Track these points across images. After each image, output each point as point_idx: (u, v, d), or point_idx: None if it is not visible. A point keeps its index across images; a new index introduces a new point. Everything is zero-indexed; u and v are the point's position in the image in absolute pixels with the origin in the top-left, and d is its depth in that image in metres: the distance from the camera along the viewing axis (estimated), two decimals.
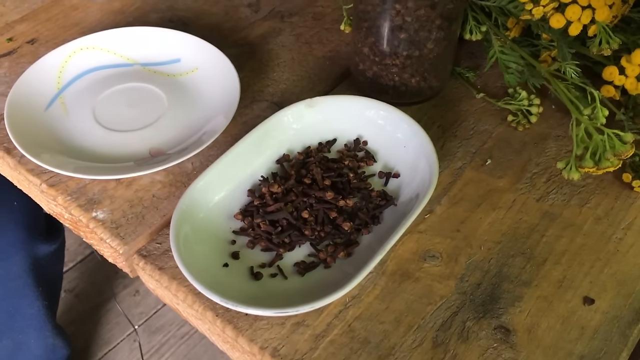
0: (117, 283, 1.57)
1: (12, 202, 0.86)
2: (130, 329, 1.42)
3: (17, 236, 0.86)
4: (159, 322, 1.44)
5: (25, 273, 0.90)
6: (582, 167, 0.42)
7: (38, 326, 0.97)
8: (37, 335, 0.98)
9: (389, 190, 0.47)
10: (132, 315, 1.45)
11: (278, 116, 0.49)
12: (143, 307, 1.48)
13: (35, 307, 0.95)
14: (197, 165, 0.50)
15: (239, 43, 0.61)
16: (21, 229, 0.87)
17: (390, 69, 0.52)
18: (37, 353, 1.00)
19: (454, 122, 0.54)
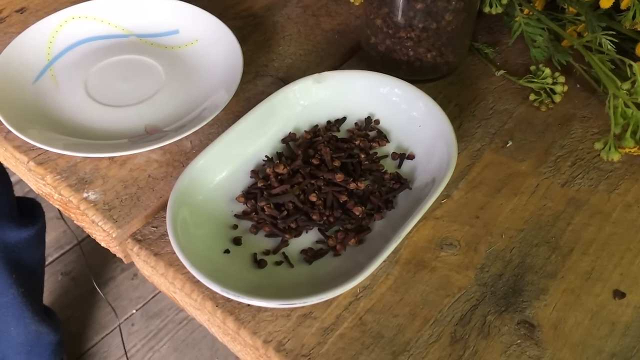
0: (115, 267, 1.55)
1: None
2: (128, 312, 1.40)
3: None
4: (157, 306, 1.42)
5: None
6: (623, 147, 0.38)
7: (16, 314, 0.94)
8: (16, 323, 0.95)
9: (402, 172, 0.44)
10: (129, 299, 1.43)
11: (284, 92, 0.46)
12: (141, 291, 1.46)
13: (10, 295, 0.91)
14: (196, 143, 0.47)
15: (242, 14, 0.57)
16: None
17: (405, 42, 0.48)
18: (19, 340, 0.97)
19: (471, 100, 0.50)
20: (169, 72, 0.50)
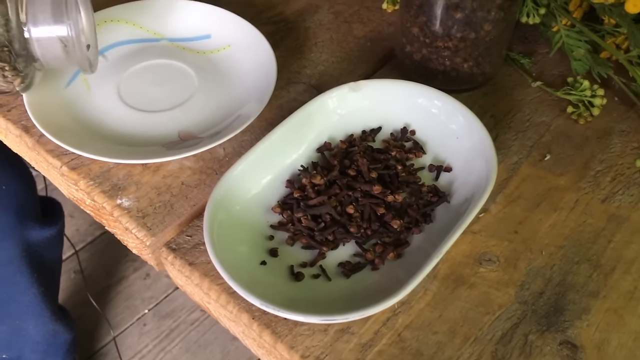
0: (127, 266, 1.55)
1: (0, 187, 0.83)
2: (140, 312, 1.40)
3: (6, 222, 0.83)
4: (169, 307, 1.42)
5: (16, 259, 0.87)
6: None
7: (36, 312, 0.94)
8: (35, 321, 0.95)
9: (440, 185, 0.43)
10: (142, 299, 1.43)
11: (319, 100, 0.45)
12: (153, 291, 1.46)
13: (31, 294, 0.92)
14: (229, 151, 0.46)
15: (273, 20, 0.56)
16: (10, 214, 0.83)
17: (442, 52, 0.48)
18: (36, 339, 0.98)
19: (507, 112, 0.50)
20: (201, 78, 0.50)
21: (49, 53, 0.41)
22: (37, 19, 0.40)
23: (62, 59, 0.42)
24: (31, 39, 0.40)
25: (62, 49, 0.41)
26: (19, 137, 0.47)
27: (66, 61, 0.42)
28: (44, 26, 0.40)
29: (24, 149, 0.47)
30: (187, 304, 1.40)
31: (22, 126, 0.47)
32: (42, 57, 0.41)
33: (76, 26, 0.40)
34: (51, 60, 0.42)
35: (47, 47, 0.41)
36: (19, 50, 0.39)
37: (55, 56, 0.41)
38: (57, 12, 0.40)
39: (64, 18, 0.40)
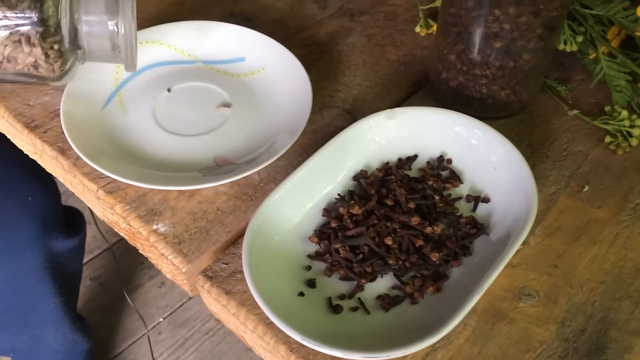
0: (143, 274, 1.55)
1: (26, 197, 0.84)
2: (155, 321, 1.40)
3: (30, 233, 0.84)
4: (184, 316, 1.42)
5: (40, 270, 0.88)
6: None
7: (56, 322, 0.95)
8: (55, 331, 0.96)
9: (478, 216, 0.43)
10: (157, 307, 1.43)
11: (356, 127, 0.45)
12: (168, 299, 1.46)
13: (52, 304, 0.92)
14: (264, 176, 0.46)
15: (305, 42, 0.56)
16: (35, 225, 0.84)
17: (479, 79, 0.47)
18: (55, 348, 0.98)
19: (544, 140, 0.49)
20: (236, 101, 0.50)
21: (95, 43, 0.40)
22: (90, 5, 0.39)
23: (106, 50, 0.41)
24: (81, 26, 0.40)
25: (109, 40, 0.41)
26: (55, 159, 0.47)
27: (110, 53, 0.42)
28: (97, 15, 0.40)
29: (59, 171, 0.47)
30: (202, 314, 1.40)
31: (59, 148, 0.47)
32: (88, 45, 0.41)
33: (128, 20, 0.40)
34: (95, 50, 0.41)
35: (95, 37, 0.40)
36: (67, 35, 0.39)
37: (101, 47, 0.41)
38: (110, 3, 0.40)
39: (117, 10, 0.40)
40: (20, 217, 0.83)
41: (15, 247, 0.84)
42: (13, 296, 0.90)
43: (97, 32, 0.40)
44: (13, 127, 0.49)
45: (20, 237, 0.83)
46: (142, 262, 1.57)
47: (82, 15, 0.39)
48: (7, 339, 0.97)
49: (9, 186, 0.84)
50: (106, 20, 0.40)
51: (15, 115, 0.49)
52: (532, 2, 0.42)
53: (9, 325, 0.95)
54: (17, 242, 0.83)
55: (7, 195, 0.83)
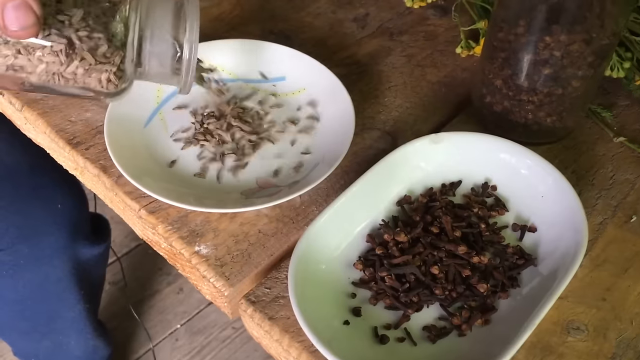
0: (162, 279, 1.55)
1: (55, 205, 0.84)
2: (173, 327, 1.40)
3: (58, 241, 0.84)
4: (201, 323, 1.42)
5: (66, 277, 0.88)
6: None
7: (79, 328, 0.96)
8: (77, 337, 0.97)
9: (524, 246, 0.42)
10: (174, 313, 1.43)
11: (400, 152, 0.44)
12: (186, 306, 1.46)
13: (76, 311, 0.93)
14: (305, 199, 0.46)
15: (345, 62, 0.56)
16: (63, 233, 0.84)
17: (525, 105, 0.47)
18: (77, 354, 0.99)
19: (589, 168, 0.48)
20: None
21: (156, 63, 0.40)
22: (157, 23, 0.39)
23: (166, 71, 0.40)
24: (146, 44, 0.39)
25: (171, 62, 0.40)
26: (96, 177, 0.47)
27: (169, 75, 0.41)
28: (163, 34, 0.39)
29: (100, 188, 0.47)
30: (219, 321, 1.40)
31: (101, 165, 0.47)
32: (148, 64, 0.40)
33: (193, 43, 0.40)
34: (154, 69, 0.40)
35: (157, 56, 0.40)
36: (131, 52, 0.39)
37: (161, 67, 0.40)
38: (176, 25, 0.39)
39: (184, 30, 0.39)
40: (49, 225, 0.83)
41: (43, 254, 0.84)
42: (39, 302, 0.91)
43: (160, 52, 0.39)
44: (55, 143, 0.49)
45: (48, 245, 0.84)
46: (161, 268, 1.57)
47: (149, 33, 0.39)
48: (30, 344, 0.98)
49: (39, 194, 0.84)
50: (171, 40, 0.39)
51: (57, 131, 0.49)
52: (585, 30, 0.42)
53: (32, 331, 0.95)
54: (45, 249, 0.84)
55: (36, 203, 0.84)
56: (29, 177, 0.83)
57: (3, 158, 0.83)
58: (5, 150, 0.84)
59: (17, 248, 0.82)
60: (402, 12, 0.61)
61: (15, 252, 0.82)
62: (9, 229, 0.81)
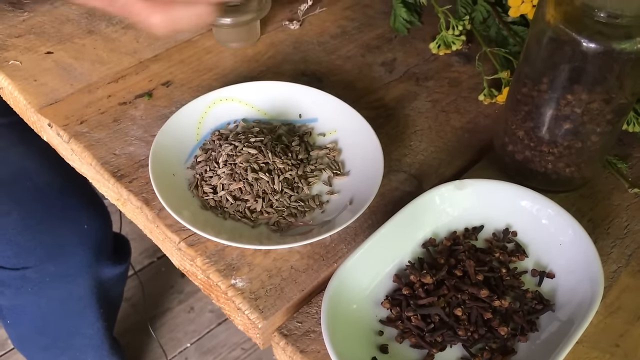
0: (173, 298, 1.57)
1: (82, 225, 0.87)
2: (183, 346, 1.42)
3: (83, 260, 0.87)
4: (211, 342, 1.44)
5: (87, 295, 0.91)
6: None
7: (96, 345, 0.98)
8: (94, 354, 0.99)
9: (543, 291, 0.44)
10: (185, 332, 1.45)
11: (427, 197, 0.47)
12: (196, 325, 1.48)
13: (95, 328, 0.96)
14: (334, 237, 0.48)
15: (373, 105, 0.59)
16: (88, 252, 0.87)
17: (545, 156, 0.49)
18: None
19: (605, 217, 0.51)
20: None
21: None
22: None
23: None
24: None
25: None
26: (139, 209, 0.50)
27: None
28: None
29: (142, 220, 0.50)
30: (229, 341, 1.42)
31: (143, 198, 0.50)
32: None
33: None
34: None
35: None
36: None
37: None
38: None
39: None
40: (76, 245, 0.86)
41: (68, 273, 0.87)
42: (60, 319, 0.93)
43: None
44: (100, 175, 0.52)
45: (74, 263, 0.87)
46: (172, 285, 1.59)
47: None
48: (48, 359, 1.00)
49: (67, 214, 0.87)
50: None
51: (103, 163, 0.52)
52: (605, 91, 0.44)
53: (52, 347, 0.98)
54: (70, 268, 0.87)
55: (64, 223, 0.87)
56: (58, 198, 0.86)
57: (34, 178, 0.86)
58: (35, 171, 0.87)
59: (44, 266, 0.84)
60: (427, 58, 0.64)
61: (42, 270, 0.84)
62: (37, 248, 0.84)
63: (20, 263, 0.84)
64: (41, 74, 0.59)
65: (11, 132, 0.89)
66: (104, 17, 0.66)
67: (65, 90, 0.58)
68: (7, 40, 0.62)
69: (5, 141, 0.88)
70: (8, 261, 0.85)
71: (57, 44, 0.62)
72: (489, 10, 0.62)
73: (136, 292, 1.51)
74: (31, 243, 0.84)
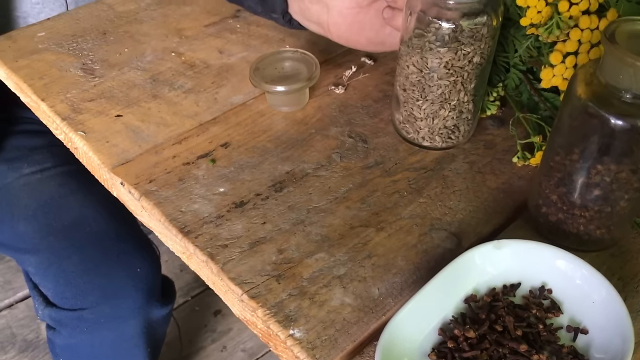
0: (206, 336, 1.62)
1: (135, 269, 0.93)
2: None
3: (136, 302, 0.93)
4: None
5: (137, 335, 0.96)
6: None
7: None
8: None
9: (577, 346, 0.48)
10: None
11: (467, 255, 0.51)
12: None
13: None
14: (382, 291, 0.53)
15: (415, 166, 0.64)
16: (141, 294, 0.93)
17: (577, 219, 0.53)
18: None
19: (634, 275, 0.54)
20: None
21: None
22: None
23: None
24: None
25: None
26: (204, 263, 0.55)
27: None
28: None
29: (207, 272, 0.55)
30: None
31: (208, 253, 0.55)
32: None
33: None
34: None
35: None
36: None
37: None
38: None
39: None
40: (129, 287, 0.92)
41: (121, 314, 0.92)
42: (111, 358, 0.98)
43: None
44: (168, 231, 0.57)
45: (127, 305, 0.92)
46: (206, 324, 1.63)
47: None
48: None
49: (121, 258, 0.93)
50: None
51: (171, 220, 0.57)
52: (632, 162, 0.49)
53: None
54: (124, 310, 0.92)
55: (119, 267, 0.93)
56: (114, 243, 0.93)
57: (92, 224, 0.93)
58: (93, 218, 0.93)
59: (100, 308, 0.90)
60: None
61: (97, 312, 0.90)
62: (94, 290, 0.90)
63: (77, 304, 0.90)
64: (112, 135, 0.66)
65: (71, 180, 0.96)
66: (166, 82, 0.72)
67: (135, 151, 0.64)
68: (80, 104, 0.69)
69: (66, 189, 0.95)
70: (67, 302, 0.91)
71: (125, 108, 0.69)
72: (520, 77, 0.67)
73: (171, 330, 1.56)
74: (89, 285, 0.90)
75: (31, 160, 0.95)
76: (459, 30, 0.56)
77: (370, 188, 0.61)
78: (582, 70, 0.50)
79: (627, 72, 0.45)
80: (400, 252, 0.56)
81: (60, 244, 0.89)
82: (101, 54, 0.76)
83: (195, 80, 0.73)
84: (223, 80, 0.73)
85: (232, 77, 0.73)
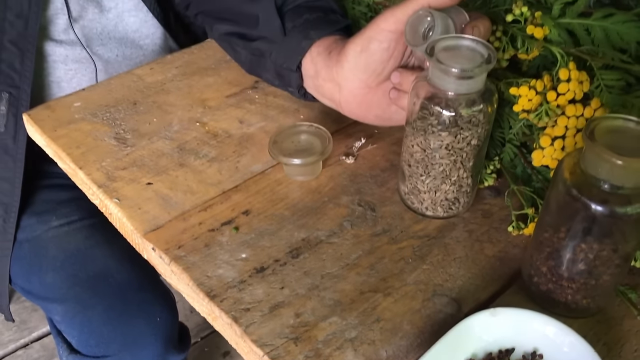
0: None
1: (155, 318, 0.98)
2: None
3: (155, 350, 0.98)
4: None
5: None
6: None
7: None
8: None
9: None
10: None
11: (466, 323, 0.57)
12: None
13: None
14: (390, 353, 0.59)
15: (418, 234, 0.70)
16: (160, 342, 0.98)
17: (565, 289, 0.59)
18: None
19: (617, 341, 0.60)
20: None
21: None
22: None
23: None
24: None
25: None
26: (228, 325, 0.61)
27: None
28: None
29: (230, 334, 0.61)
30: None
31: (232, 316, 0.61)
32: None
33: None
34: None
35: None
36: None
37: None
38: None
39: None
40: (149, 336, 0.97)
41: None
42: None
43: None
44: (195, 294, 0.64)
45: (147, 353, 0.98)
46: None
47: None
48: None
49: (142, 308, 0.99)
50: None
51: (198, 284, 0.64)
52: (612, 242, 0.55)
53: None
54: (144, 358, 0.97)
55: (141, 316, 0.98)
56: (136, 293, 0.99)
57: (115, 275, 0.99)
58: (116, 269, 0.99)
59: (122, 355, 0.96)
60: None
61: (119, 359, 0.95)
62: (116, 338, 0.96)
63: (100, 352, 0.96)
64: (144, 202, 0.72)
65: (96, 233, 1.02)
66: (192, 151, 0.79)
67: (164, 218, 0.71)
68: (114, 172, 0.76)
69: (92, 241, 1.01)
70: (90, 350, 0.96)
71: (155, 176, 0.76)
72: (515, 152, 0.74)
73: None
74: (112, 334, 0.95)
75: (59, 214, 1.02)
76: (459, 117, 0.63)
77: (379, 255, 0.67)
78: (568, 158, 0.57)
79: (604, 166, 0.52)
80: (406, 316, 0.62)
81: (85, 293, 0.95)
82: (132, 123, 0.83)
83: (218, 149, 0.80)
84: (243, 149, 0.80)
85: (251, 146, 0.80)
